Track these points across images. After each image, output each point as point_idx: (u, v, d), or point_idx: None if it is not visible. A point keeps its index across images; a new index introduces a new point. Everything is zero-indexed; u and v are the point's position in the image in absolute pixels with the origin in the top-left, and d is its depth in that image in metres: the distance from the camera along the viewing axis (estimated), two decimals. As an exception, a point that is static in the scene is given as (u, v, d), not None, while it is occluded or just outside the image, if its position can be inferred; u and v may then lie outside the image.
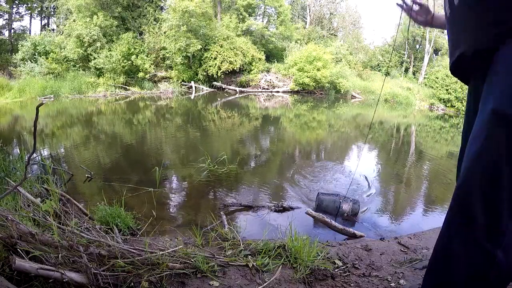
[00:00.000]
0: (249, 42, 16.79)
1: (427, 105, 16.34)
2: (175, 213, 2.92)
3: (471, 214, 0.88)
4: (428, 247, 2.06)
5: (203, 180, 3.63)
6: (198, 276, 1.50)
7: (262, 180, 3.76)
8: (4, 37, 17.80)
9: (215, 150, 5.01)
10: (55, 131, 6.53)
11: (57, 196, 2.36)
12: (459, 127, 10.66)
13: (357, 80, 17.94)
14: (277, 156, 5.24)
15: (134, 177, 3.57)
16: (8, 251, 1.31)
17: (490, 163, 0.84)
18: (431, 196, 3.84)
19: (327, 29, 24.75)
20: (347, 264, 1.75)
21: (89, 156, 4.67)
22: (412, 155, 6.12)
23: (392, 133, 8.60)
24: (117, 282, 1.35)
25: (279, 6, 19.97)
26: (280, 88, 16.40)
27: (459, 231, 0.91)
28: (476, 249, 0.87)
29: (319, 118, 10.05)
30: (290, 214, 2.84)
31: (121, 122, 7.96)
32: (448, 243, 0.95)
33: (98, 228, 1.86)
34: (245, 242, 1.91)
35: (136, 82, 14.75)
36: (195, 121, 8.51)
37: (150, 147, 5.59)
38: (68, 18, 16.32)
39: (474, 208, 0.87)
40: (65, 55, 14.30)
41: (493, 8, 0.85)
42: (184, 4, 14.18)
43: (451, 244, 0.93)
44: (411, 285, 1.56)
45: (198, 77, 15.95)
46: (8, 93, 10.81)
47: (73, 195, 2.74)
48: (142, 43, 15.87)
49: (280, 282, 1.52)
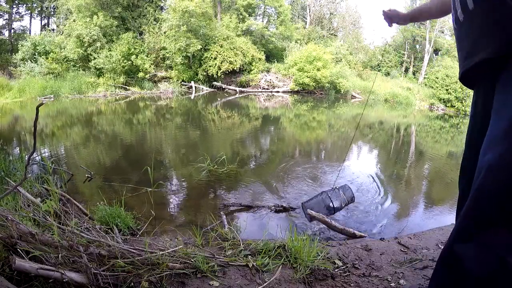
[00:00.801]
0: (249, 42, 16.80)
1: (427, 105, 16.35)
2: (175, 213, 2.92)
3: (486, 220, 0.88)
4: (428, 247, 2.06)
5: (203, 180, 3.63)
6: (198, 276, 1.50)
7: (262, 180, 3.75)
8: (4, 37, 17.81)
9: (215, 150, 5.01)
10: (55, 131, 6.52)
11: (57, 196, 2.36)
12: (459, 127, 10.66)
13: (357, 80, 17.96)
14: (277, 156, 5.24)
15: (134, 177, 3.57)
16: (8, 251, 1.31)
17: (510, 170, 0.83)
18: (431, 196, 3.84)
19: (327, 29, 24.76)
20: (347, 264, 1.75)
21: (89, 156, 4.67)
22: (412, 155, 6.12)
23: (392, 133, 8.60)
24: (117, 282, 1.35)
25: (279, 6, 19.99)
26: (280, 88, 16.40)
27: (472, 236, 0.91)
28: (489, 255, 0.87)
29: (319, 118, 10.05)
30: (290, 214, 2.84)
31: (121, 122, 7.96)
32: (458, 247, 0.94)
33: (98, 228, 1.86)
34: (245, 242, 1.91)
35: (136, 82, 14.75)
36: (195, 121, 8.51)
37: (150, 147, 5.58)
38: (68, 18, 16.34)
39: (489, 214, 0.87)
40: (65, 55, 14.31)
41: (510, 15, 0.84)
42: (184, 4, 14.18)
43: (462, 248, 0.93)
44: (411, 285, 1.56)
45: (198, 77, 15.95)
46: (8, 93, 10.81)
47: (73, 195, 2.74)
48: (142, 43, 15.88)
49: (280, 282, 1.52)
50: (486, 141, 0.91)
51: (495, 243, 0.87)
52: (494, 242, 0.87)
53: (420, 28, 20.92)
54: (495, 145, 0.87)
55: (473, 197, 0.91)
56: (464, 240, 0.94)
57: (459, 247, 0.94)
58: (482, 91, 1.07)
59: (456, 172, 1.19)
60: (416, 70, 22.39)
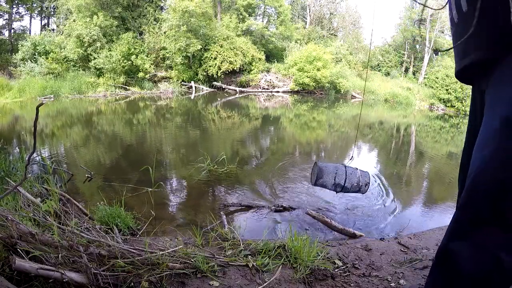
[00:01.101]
0: (249, 42, 16.80)
1: (427, 105, 16.35)
2: (175, 213, 2.92)
3: (479, 219, 0.89)
4: (428, 247, 2.06)
5: (203, 180, 3.62)
6: (198, 276, 1.50)
7: (262, 180, 3.75)
8: (4, 37, 17.81)
9: (215, 150, 5.01)
10: (55, 131, 6.52)
11: (57, 196, 2.36)
12: (459, 127, 10.66)
13: (357, 80, 17.95)
14: (277, 156, 5.23)
15: (134, 177, 3.57)
16: (8, 251, 1.31)
17: (501, 168, 0.84)
18: (431, 196, 3.84)
19: (327, 29, 24.76)
20: (347, 264, 1.75)
21: (89, 156, 4.67)
22: (412, 155, 6.12)
23: (392, 133, 8.60)
24: (117, 282, 1.35)
25: (279, 6, 19.99)
26: (280, 88, 16.40)
27: (466, 235, 0.92)
28: (483, 253, 0.88)
29: (319, 118, 10.05)
30: (290, 214, 2.84)
31: (121, 122, 7.96)
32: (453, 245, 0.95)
33: (98, 228, 1.86)
34: (245, 242, 1.91)
35: (136, 82, 14.75)
36: (195, 121, 8.51)
37: (150, 147, 5.58)
38: (68, 18, 16.33)
39: (482, 213, 0.88)
40: (65, 55, 14.31)
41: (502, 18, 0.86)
42: (184, 4, 14.18)
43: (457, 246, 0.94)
44: (411, 285, 1.56)
45: (198, 77, 15.95)
46: (8, 93, 10.81)
47: (73, 195, 2.74)
48: (142, 43, 15.87)
49: (280, 282, 1.52)
50: (478, 140, 0.93)
51: (488, 241, 0.88)
52: (488, 240, 0.88)
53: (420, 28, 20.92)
54: (486, 144, 0.88)
55: (466, 196, 0.92)
56: (458, 238, 0.95)
57: (454, 246, 0.95)
58: (478, 88, 1.08)
59: (456, 172, 1.20)
60: (416, 70, 22.38)
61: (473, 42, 0.96)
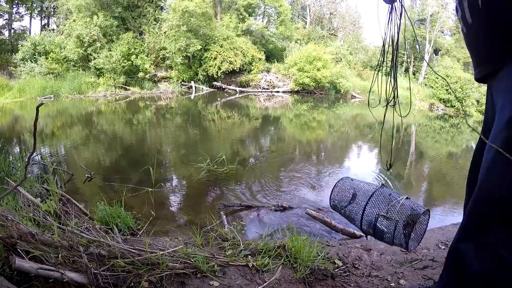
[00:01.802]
0: (249, 42, 16.79)
1: (427, 105, 16.35)
2: (175, 213, 2.92)
3: (487, 221, 0.90)
4: (428, 247, 2.06)
5: (203, 180, 3.62)
6: (198, 276, 1.50)
7: (262, 180, 3.75)
8: (4, 37, 17.82)
9: (215, 150, 5.01)
10: (55, 131, 6.52)
11: (57, 196, 2.36)
12: (459, 127, 10.67)
13: (357, 80, 17.93)
14: (277, 156, 5.23)
15: (134, 177, 3.57)
16: (8, 251, 1.31)
17: (507, 169, 0.85)
18: (431, 196, 3.84)
19: (327, 29, 24.76)
20: (347, 264, 1.75)
21: (89, 156, 4.67)
22: (412, 155, 6.12)
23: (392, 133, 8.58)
24: (117, 282, 1.35)
25: (279, 6, 19.98)
26: (280, 88, 16.39)
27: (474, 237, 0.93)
28: (491, 255, 0.89)
29: (319, 118, 10.04)
30: (290, 214, 2.84)
31: (121, 122, 7.95)
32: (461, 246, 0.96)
33: (98, 228, 1.86)
34: (245, 242, 1.91)
35: (136, 82, 14.75)
36: (195, 121, 8.50)
37: (150, 147, 5.58)
38: (68, 18, 16.34)
39: (490, 215, 0.89)
40: (65, 55, 14.30)
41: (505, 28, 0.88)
42: (184, 4, 14.18)
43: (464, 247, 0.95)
44: (411, 285, 1.56)
45: (198, 77, 15.95)
46: (8, 93, 10.82)
47: (73, 195, 2.74)
48: (142, 43, 15.87)
49: (280, 282, 1.52)
50: (489, 139, 0.94)
51: (494, 241, 0.88)
52: (494, 240, 0.88)
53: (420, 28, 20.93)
54: (495, 143, 0.89)
55: (475, 196, 0.93)
56: (465, 238, 0.96)
57: (462, 246, 0.96)
58: (490, 89, 1.09)
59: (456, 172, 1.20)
60: (416, 70, 22.38)
61: (481, 53, 1.00)
